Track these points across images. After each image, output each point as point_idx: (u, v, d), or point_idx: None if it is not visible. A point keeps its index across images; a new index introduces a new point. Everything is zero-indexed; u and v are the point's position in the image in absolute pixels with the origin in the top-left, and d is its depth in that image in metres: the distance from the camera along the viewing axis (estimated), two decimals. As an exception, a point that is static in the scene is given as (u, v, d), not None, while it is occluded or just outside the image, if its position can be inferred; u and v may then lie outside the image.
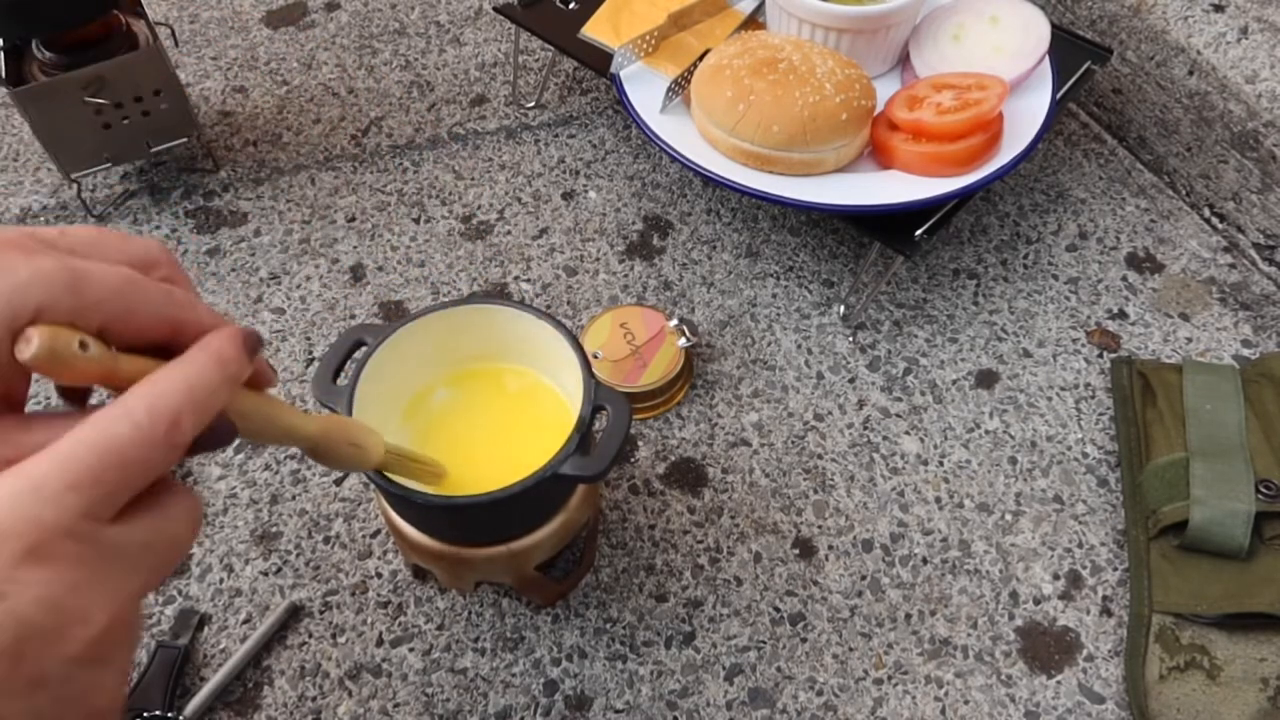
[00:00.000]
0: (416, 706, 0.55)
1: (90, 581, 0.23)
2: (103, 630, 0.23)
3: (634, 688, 0.55)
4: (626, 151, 0.85)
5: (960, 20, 0.72)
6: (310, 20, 0.98)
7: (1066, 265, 0.76)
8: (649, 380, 0.65)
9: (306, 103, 0.89)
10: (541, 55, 0.93)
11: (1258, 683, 0.53)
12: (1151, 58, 0.80)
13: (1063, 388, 0.69)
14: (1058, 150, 0.85)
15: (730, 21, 0.77)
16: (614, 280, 0.75)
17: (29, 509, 0.22)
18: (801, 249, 0.77)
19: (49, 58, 0.70)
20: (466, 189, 0.82)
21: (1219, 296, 0.74)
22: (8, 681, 0.21)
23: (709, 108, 0.65)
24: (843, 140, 0.64)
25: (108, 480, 0.23)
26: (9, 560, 0.21)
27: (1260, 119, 0.73)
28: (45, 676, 0.22)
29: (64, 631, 0.22)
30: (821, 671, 0.56)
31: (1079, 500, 0.63)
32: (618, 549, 0.61)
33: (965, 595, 0.59)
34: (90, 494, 0.22)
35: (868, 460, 0.65)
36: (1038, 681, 0.56)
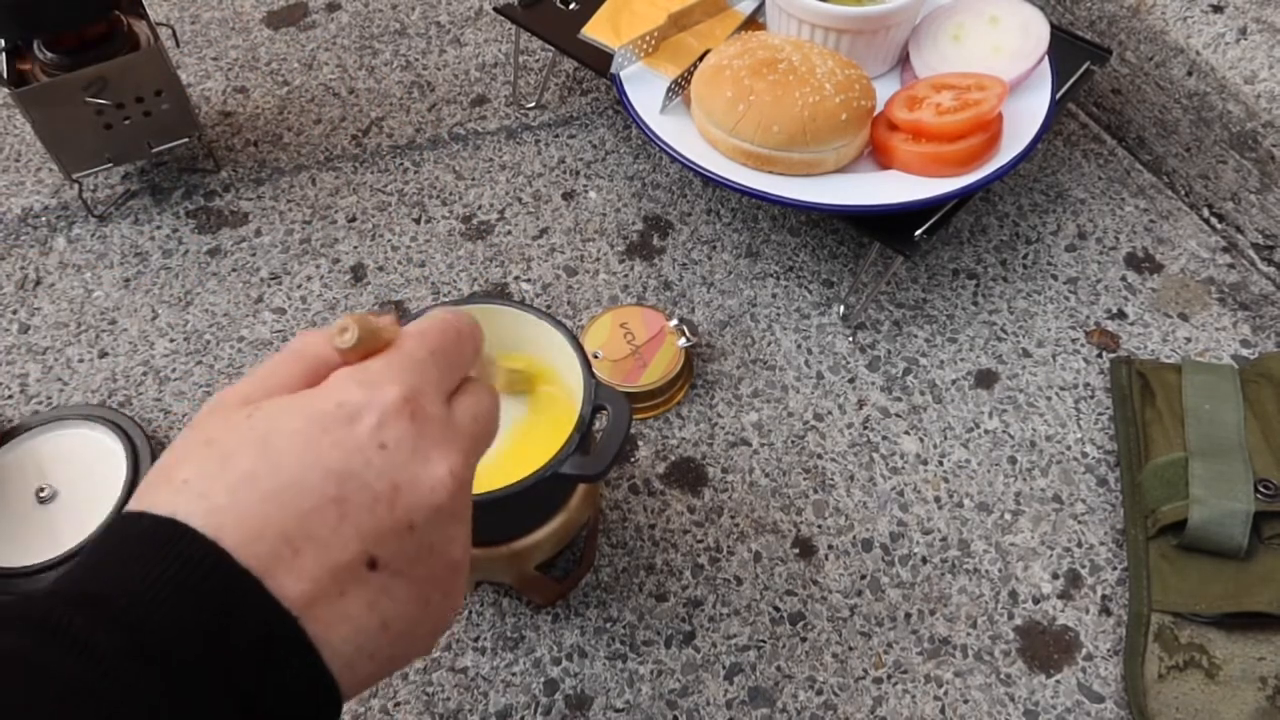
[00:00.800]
0: (417, 706, 0.55)
1: (443, 441, 0.26)
2: (456, 486, 0.26)
3: (634, 687, 0.56)
4: (626, 152, 0.85)
5: (960, 20, 0.72)
6: (311, 21, 0.98)
7: (1066, 265, 0.76)
8: (649, 380, 0.65)
9: (307, 103, 0.90)
10: (542, 55, 0.93)
11: (1256, 681, 0.53)
12: (1151, 58, 0.80)
13: (1062, 387, 0.69)
14: (1057, 150, 0.85)
15: (730, 22, 0.77)
16: (614, 280, 0.75)
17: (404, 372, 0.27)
18: (801, 249, 0.77)
19: (50, 58, 0.70)
20: (467, 189, 0.82)
21: (1218, 296, 0.74)
22: (387, 521, 0.24)
23: (709, 108, 0.65)
24: (842, 140, 0.64)
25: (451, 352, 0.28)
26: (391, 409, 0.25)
27: (1259, 119, 0.73)
28: (415, 521, 0.25)
29: (427, 483, 0.25)
30: (821, 671, 0.56)
31: (1078, 500, 0.63)
32: (618, 549, 0.61)
33: (965, 595, 0.59)
34: (442, 363, 0.28)
35: (867, 460, 0.65)
36: (1037, 681, 0.56)
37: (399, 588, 0.25)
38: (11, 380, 0.70)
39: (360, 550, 0.24)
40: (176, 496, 0.23)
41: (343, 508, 0.24)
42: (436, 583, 0.26)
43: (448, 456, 0.26)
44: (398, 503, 0.25)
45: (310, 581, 0.23)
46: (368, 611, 0.24)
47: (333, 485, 0.24)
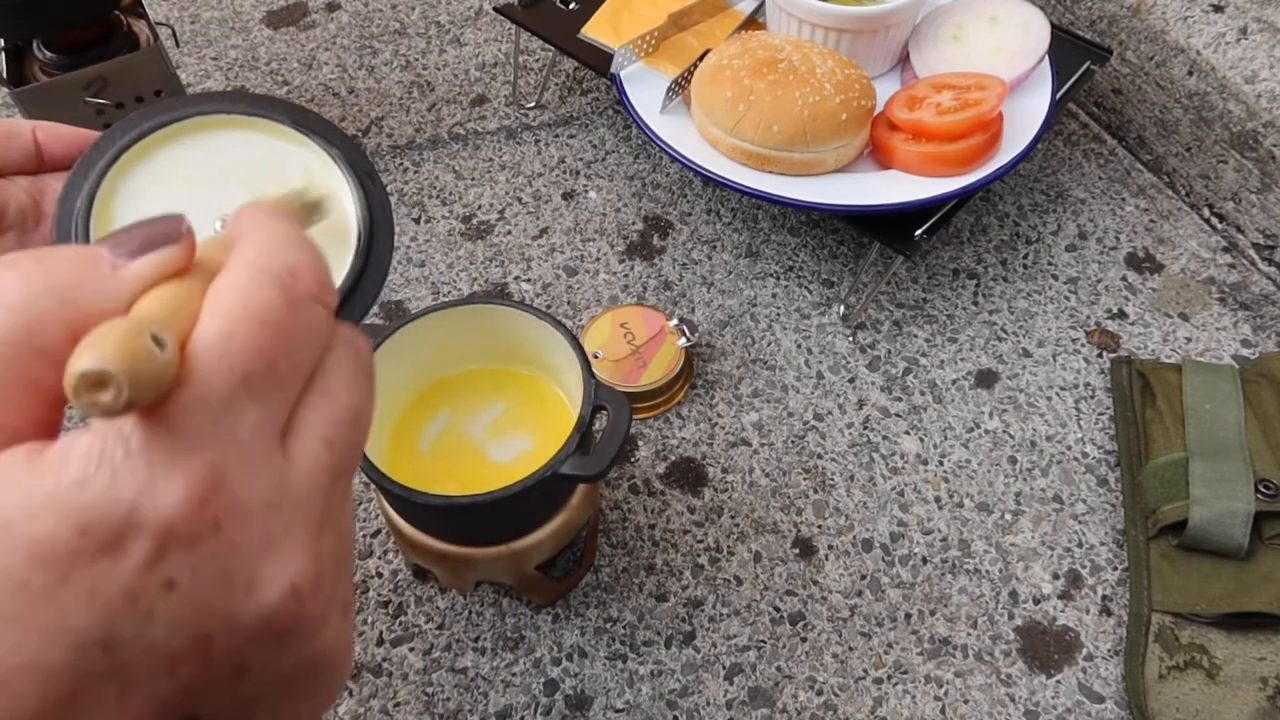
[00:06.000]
0: (417, 706, 0.55)
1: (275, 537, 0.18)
2: (306, 592, 0.18)
3: (634, 687, 0.55)
4: (626, 151, 0.85)
5: (960, 20, 0.72)
6: (311, 20, 0.98)
7: (1066, 265, 0.76)
8: (649, 380, 0.65)
9: (307, 103, 0.89)
10: (542, 55, 0.93)
11: (1257, 682, 0.53)
12: (1151, 58, 0.80)
13: (1062, 387, 0.69)
14: (1057, 150, 0.85)
15: (730, 22, 0.77)
16: (614, 280, 0.75)
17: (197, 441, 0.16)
18: (801, 249, 0.77)
19: (50, 58, 0.70)
20: (467, 189, 0.82)
21: (1218, 296, 0.74)
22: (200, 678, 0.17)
23: (709, 108, 0.65)
24: (843, 140, 0.64)
25: (283, 359, 0.18)
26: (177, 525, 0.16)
27: (1260, 119, 0.73)
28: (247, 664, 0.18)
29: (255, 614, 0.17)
30: (821, 671, 0.56)
31: (1078, 500, 0.63)
32: (618, 549, 0.61)
33: (965, 595, 0.59)
34: (269, 387, 0.18)
35: (868, 460, 0.65)
36: (1037, 681, 0.56)
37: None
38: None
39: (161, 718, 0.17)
40: None
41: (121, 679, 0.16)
42: (301, 698, 0.20)
43: (286, 562, 0.18)
44: (211, 653, 0.17)
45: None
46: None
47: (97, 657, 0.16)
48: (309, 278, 0.19)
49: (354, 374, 0.20)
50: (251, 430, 0.17)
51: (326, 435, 0.19)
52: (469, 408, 0.54)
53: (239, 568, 0.17)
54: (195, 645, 0.17)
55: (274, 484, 0.18)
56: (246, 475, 0.17)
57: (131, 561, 0.16)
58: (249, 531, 0.17)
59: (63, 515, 0.15)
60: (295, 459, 0.18)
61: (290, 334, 0.18)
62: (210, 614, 0.17)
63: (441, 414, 0.54)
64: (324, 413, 0.19)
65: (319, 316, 0.19)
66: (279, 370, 0.18)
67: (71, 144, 0.30)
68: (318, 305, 0.19)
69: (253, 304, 0.18)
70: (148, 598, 0.16)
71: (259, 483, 0.17)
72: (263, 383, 0.18)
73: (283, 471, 0.18)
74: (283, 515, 0.18)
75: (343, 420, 0.19)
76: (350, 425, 0.20)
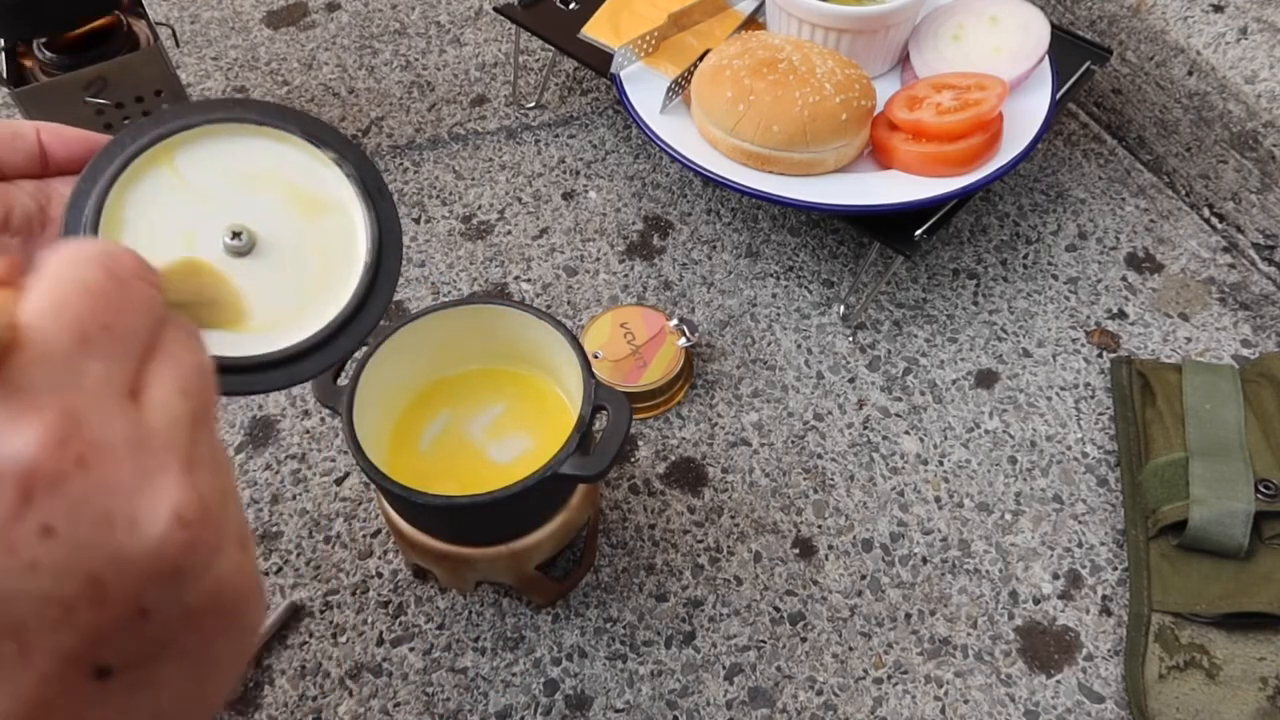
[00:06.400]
0: (417, 706, 0.55)
1: (146, 471, 0.18)
2: (193, 521, 0.18)
3: (634, 687, 0.55)
4: (626, 151, 0.85)
5: (960, 20, 0.72)
6: (311, 20, 0.98)
7: (1066, 265, 0.76)
8: (649, 380, 0.65)
9: (307, 103, 0.89)
10: (542, 55, 0.93)
11: (1257, 682, 0.53)
12: (1151, 58, 0.80)
13: (1062, 387, 0.69)
14: (1057, 150, 0.85)
15: (730, 22, 0.77)
16: (614, 280, 0.75)
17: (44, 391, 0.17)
18: (801, 249, 0.77)
19: (50, 58, 0.70)
20: (467, 189, 0.82)
21: (1218, 296, 0.74)
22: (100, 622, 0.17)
23: (709, 108, 0.65)
24: (843, 140, 0.64)
25: (116, 319, 0.19)
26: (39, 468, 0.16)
27: (1260, 119, 0.73)
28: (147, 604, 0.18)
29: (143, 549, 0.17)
30: (821, 671, 0.56)
31: (1079, 500, 0.63)
32: (618, 549, 0.61)
33: (965, 595, 0.59)
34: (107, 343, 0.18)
35: (868, 460, 0.65)
36: (1037, 681, 0.56)
37: (161, 673, 0.18)
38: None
39: (71, 673, 0.17)
40: None
41: (18, 636, 0.16)
42: (214, 636, 0.19)
43: (164, 494, 0.18)
44: (107, 596, 0.17)
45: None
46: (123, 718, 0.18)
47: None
48: (127, 260, 0.20)
49: (190, 341, 0.21)
50: (98, 382, 0.18)
51: (178, 385, 0.19)
52: (469, 408, 0.54)
53: (116, 504, 0.17)
54: (88, 589, 0.16)
55: (132, 427, 0.18)
56: (102, 418, 0.17)
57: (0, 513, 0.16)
58: (118, 468, 0.17)
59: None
60: (149, 407, 0.19)
61: (119, 302, 0.19)
62: (97, 555, 0.17)
63: (441, 414, 0.54)
64: (171, 369, 0.19)
65: (146, 292, 0.20)
66: (114, 331, 0.18)
67: (77, 147, 0.30)
68: (142, 282, 0.20)
69: (78, 279, 0.18)
70: (27, 547, 0.16)
71: (116, 425, 0.18)
72: (99, 341, 0.18)
73: (138, 418, 0.18)
74: (149, 453, 0.18)
75: (190, 373, 0.20)
76: (198, 376, 0.20)
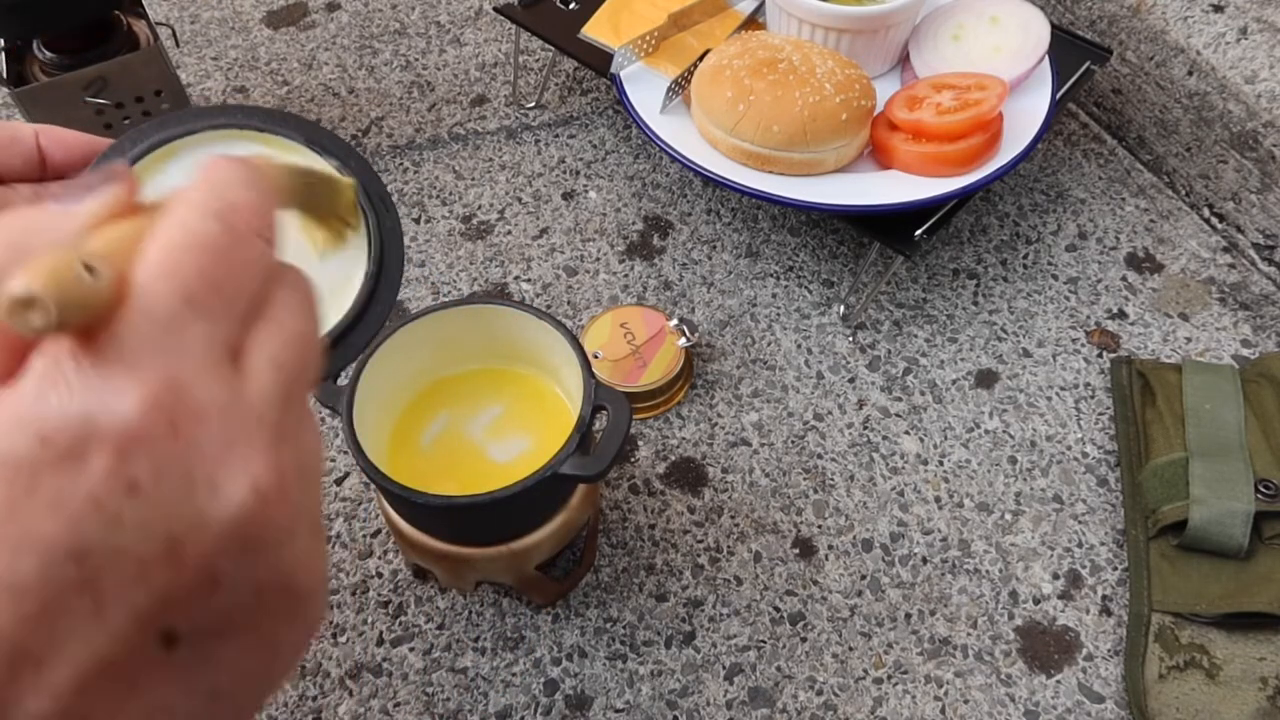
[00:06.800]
0: (417, 706, 0.55)
1: (234, 442, 0.18)
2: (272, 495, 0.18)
3: (634, 687, 0.55)
4: (626, 151, 0.85)
5: (960, 20, 0.72)
6: (311, 20, 0.98)
7: (1066, 265, 0.76)
8: (649, 380, 0.65)
9: (307, 103, 0.89)
10: (542, 55, 0.93)
11: (1257, 682, 0.53)
12: (1151, 58, 0.80)
13: (1062, 387, 0.69)
14: (1057, 150, 0.85)
15: (730, 22, 0.77)
16: (614, 280, 0.75)
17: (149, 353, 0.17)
18: (801, 249, 0.77)
19: (50, 58, 0.70)
20: (467, 189, 0.82)
21: (1218, 296, 0.74)
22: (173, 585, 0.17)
23: (709, 108, 0.65)
24: (843, 140, 0.64)
25: (227, 279, 0.18)
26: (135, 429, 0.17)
27: (1260, 119, 0.73)
28: (218, 572, 0.18)
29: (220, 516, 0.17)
30: (821, 671, 0.56)
31: (1079, 500, 0.63)
32: (618, 549, 0.61)
33: (965, 595, 0.59)
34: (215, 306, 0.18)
35: (868, 460, 0.65)
36: (1037, 681, 0.56)
37: (224, 650, 0.19)
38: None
39: (140, 633, 0.17)
40: None
41: (95, 590, 0.16)
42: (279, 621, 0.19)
43: (246, 464, 0.18)
44: (183, 559, 0.17)
45: (72, 695, 0.16)
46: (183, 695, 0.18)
47: (68, 568, 0.16)
48: (248, 213, 0.19)
49: (300, 304, 0.20)
50: (200, 345, 0.18)
51: (277, 357, 0.19)
52: (469, 408, 0.54)
53: (200, 467, 0.17)
54: (165, 549, 0.17)
55: (226, 393, 0.18)
56: (199, 383, 0.18)
57: (93, 467, 0.16)
58: (206, 434, 0.17)
59: (20, 430, 0.16)
60: (247, 375, 0.19)
61: (232, 261, 0.19)
62: (177, 516, 0.17)
63: (441, 414, 0.54)
64: (273, 336, 0.19)
65: (260, 249, 0.20)
66: (223, 292, 0.18)
67: (76, 150, 0.30)
68: (258, 239, 0.19)
69: (192, 233, 0.18)
70: (113, 502, 0.16)
71: (212, 390, 0.18)
72: (206, 303, 0.18)
73: (234, 384, 0.18)
74: (238, 422, 0.18)
75: (291, 343, 0.20)
76: (299, 348, 0.20)
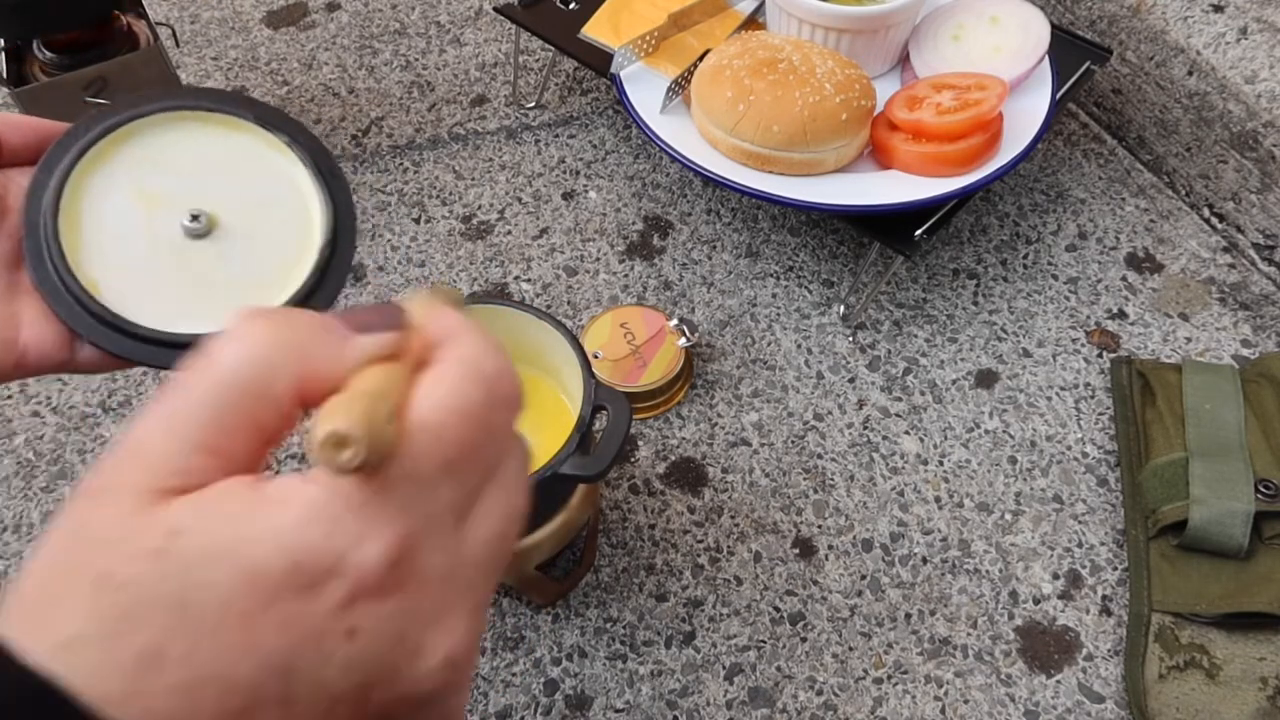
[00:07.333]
0: (417, 706, 0.55)
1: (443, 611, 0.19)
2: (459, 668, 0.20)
3: (634, 687, 0.55)
4: (626, 151, 0.85)
5: (960, 20, 0.72)
6: (311, 20, 0.98)
7: (1066, 265, 0.76)
8: (649, 380, 0.65)
9: (307, 103, 0.89)
10: (542, 55, 0.93)
11: (1257, 682, 0.53)
12: (1151, 58, 0.80)
13: (1062, 387, 0.69)
14: (1057, 150, 0.85)
15: (730, 22, 0.77)
16: (614, 280, 0.75)
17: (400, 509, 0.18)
18: (801, 249, 0.77)
19: (50, 58, 0.70)
20: (467, 189, 0.82)
21: (1218, 296, 0.74)
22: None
23: (709, 108, 0.65)
24: (843, 140, 0.64)
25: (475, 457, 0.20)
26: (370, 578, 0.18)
27: (1260, 119, 0.73)
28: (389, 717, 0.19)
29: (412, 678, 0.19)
30: (821, 671, 0.56)
31: (1079, 500, 0.63)
32: (618, 549, 0.61)
33: (965, 595, 0.59)
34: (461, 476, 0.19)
35: (868, 460, 0.65)
36: (1037, 681, 0.56)
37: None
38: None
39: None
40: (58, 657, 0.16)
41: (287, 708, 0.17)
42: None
43: (449, 633, 0.19)
44: (368, 703, 0.18)
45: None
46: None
47: (274, 682, 0.17)
48: (507, 384, 0.21)
49: (521, 478, 0.22)
50: (443, 509, 0.19)
51: (495, 528, 0.20)
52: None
53: (411, 630, 0.18)
54: (356, 692, 0.18)
55: (450, 561, 0.19)
56: (431, 548, 0.19)
57: (326, 604, 0.17)
58: (425, 599, 0.19)
59: (280, 551, 0.17)
60: (467, 541, 0.20)
61: (488, 431, 0.20)
62: (378, 667, 0.18)
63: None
64: (499, 505, 0.21)
65: (509, 421, 0.21)
66: (474, 461, 0.20)
67: (31, 135, 0.31)
68: (510, 410, 0.21)
69: (464, 399, 0.19)
70: (331, 641, 0.18)
71: (439, 557, 0.19)
72: (459, 469, 0.19)
73: (457, 550, 0.20)
74: (454, 590, 0.19)
75: (511, 516, 0.21)
76: (514, 522, 0.21)
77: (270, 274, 0.34)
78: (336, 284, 0.33)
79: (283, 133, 0.34)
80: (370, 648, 0.18)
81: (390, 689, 0.18)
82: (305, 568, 0.17)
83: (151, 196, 0.34)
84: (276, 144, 0.34)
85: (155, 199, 0.34)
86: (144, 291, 0.33)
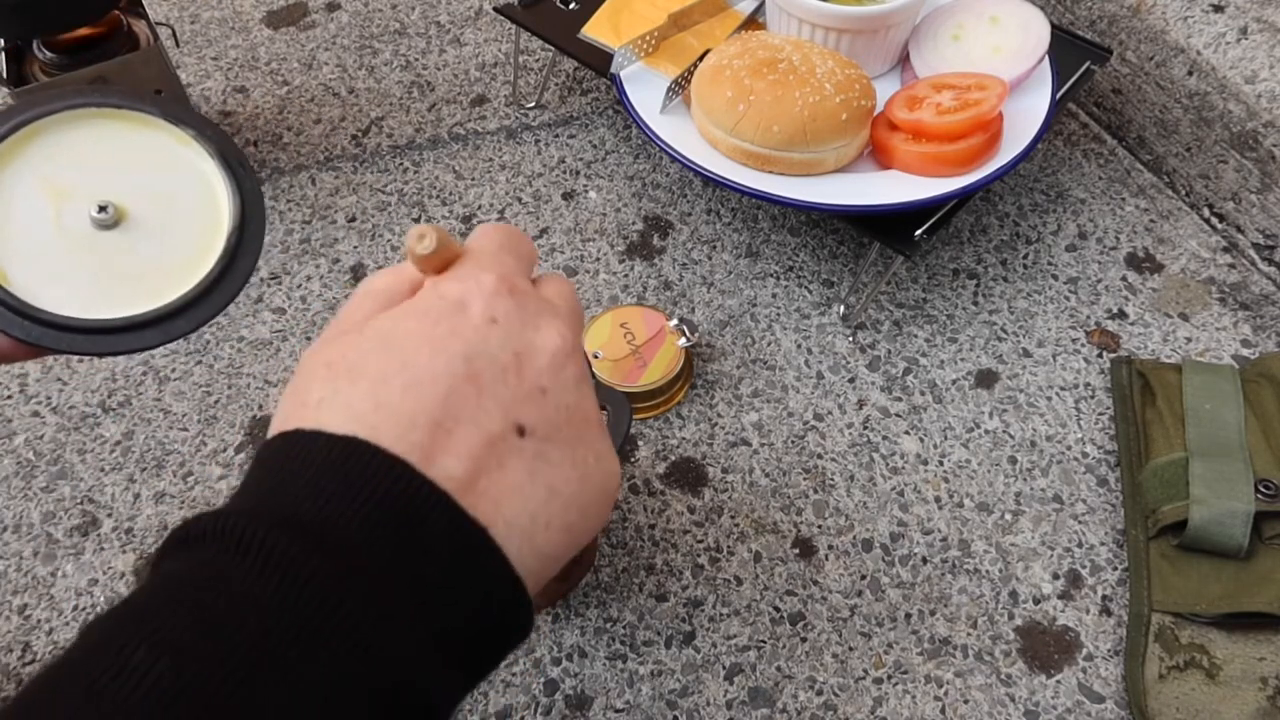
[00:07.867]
0: (417, 706, 0.55)
1: (544, 310, 0.28)
2: (570, 347, 0.28)
3: (634, 687, 0.55)
4: (626, 151, 0.85)
5: (960, 20, 0.72)
6: (311, 20, 0.98)
7: (1066, 265, 0.76)
8: (649, 380, 0.65)
9: (307, 103, 0.90)
10: (542, 55, 0.93)
11: (1257, 682, 0.53)
12: (1151, 58, 0.80)
13: (1062, 387, 0.69)
14: (1057, 150, 0.85)
15: (730, 22, 0.77)
16: (614, 280, 0.75)
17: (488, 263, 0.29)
18: (801, 249, 0.77)
19: (50, 58, 0.70)
20: (467, 189, 0.82)
21: (1218, 296, 0.74)
22: (521, 388, 0.26)
23: (709, 108, 0.65)
24: (843, 140, 0.64)
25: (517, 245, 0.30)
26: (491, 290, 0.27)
27: (1260, 119, 0.73)
28: (545, 385, 0.27)
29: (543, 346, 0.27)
30: (821, 671, 0.56)
31: (1079, 500, 0.63)
32: (618, 549, 0.61)
33: (965, 595, 0.59)
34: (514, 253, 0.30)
35: (868, 460, 0.65)
36: (1037, 681, 0.56)
37: (552, 451, 0.26)
38: (10, 380, 0.70)
39: (505, 420, 0.25)
40: (321, 415, 0.24)
41: (477, 384, 0.25)
42: (584, 443, 0.27)
43: (554, 322, 0.28)
44: (524, 370, 0.26)
45: (470, 459, 0.24)
46: (530, 480, 0.25)
47: (462, 366, 0.25)
48: (521, 235, 0.31)
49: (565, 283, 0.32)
50: (512, 265, 0.29)
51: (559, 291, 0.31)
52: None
53: (529, 317, 0.27)
54: (515, 360, 0.26)
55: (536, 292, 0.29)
56: (519, 279, 0.29)
57: (473, 310, 0.27)
58: (530, 302, 0.28)
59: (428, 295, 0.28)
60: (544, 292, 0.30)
61: (520, 240, 0.31)
62: (519, 339, 0.27)
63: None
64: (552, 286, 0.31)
65: (532, 247, 0.32)
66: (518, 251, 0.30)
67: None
68: (529, 242, 0.31)
69: (495, 227, 0.31)
70: (484, 328, 0.26)
71: (524, 284, 0.29)
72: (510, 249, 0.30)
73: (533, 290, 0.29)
74: (545, 304, 0.29)
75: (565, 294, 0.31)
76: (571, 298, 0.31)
77: (179, 261, 0.36)
78: (246, 268, 0.36)
79: (190, 127, 0.36)
80: (510, 328, 0.27)
81: (533, 356, 0.27)
82: (450, 297, 0.27)
83: (60, 190, 0.36)
84: (184, 138, 0.37)
85: (64, 192, 0.36)
86: (52, 280, 0.35)
